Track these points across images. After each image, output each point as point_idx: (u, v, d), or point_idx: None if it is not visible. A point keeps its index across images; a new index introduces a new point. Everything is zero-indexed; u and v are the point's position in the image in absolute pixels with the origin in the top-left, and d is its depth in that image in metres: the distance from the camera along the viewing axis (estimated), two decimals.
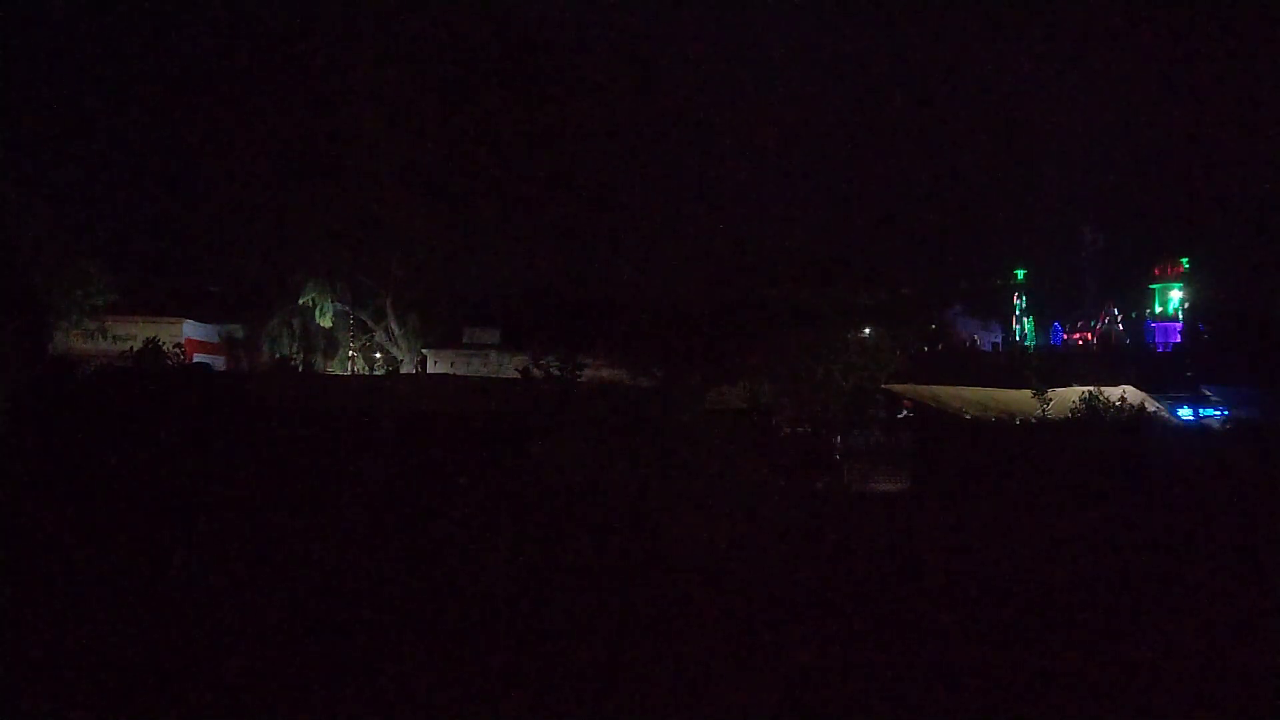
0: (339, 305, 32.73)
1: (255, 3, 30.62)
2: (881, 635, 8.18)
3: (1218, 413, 28.61)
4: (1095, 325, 64.51)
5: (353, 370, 33.85)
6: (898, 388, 25.20)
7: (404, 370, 32.38)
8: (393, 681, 6.80)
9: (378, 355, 34.61)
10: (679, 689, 6.77)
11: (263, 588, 9.27)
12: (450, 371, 31.12)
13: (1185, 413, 28.07)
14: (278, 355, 32.22)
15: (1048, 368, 25.48)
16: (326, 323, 32.84)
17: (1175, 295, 63.26)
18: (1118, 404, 21.13)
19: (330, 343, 34.16)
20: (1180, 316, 61.35)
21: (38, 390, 16.90)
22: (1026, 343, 63.95)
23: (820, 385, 23.03)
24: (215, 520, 12.16)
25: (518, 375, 19.61)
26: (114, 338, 25.39)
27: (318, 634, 7.84)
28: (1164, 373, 39.90)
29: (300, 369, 31.78)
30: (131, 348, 19.09)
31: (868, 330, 28.85)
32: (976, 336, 62.45)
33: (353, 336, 34.25)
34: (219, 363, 30.96)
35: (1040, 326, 66.42)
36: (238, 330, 33.10)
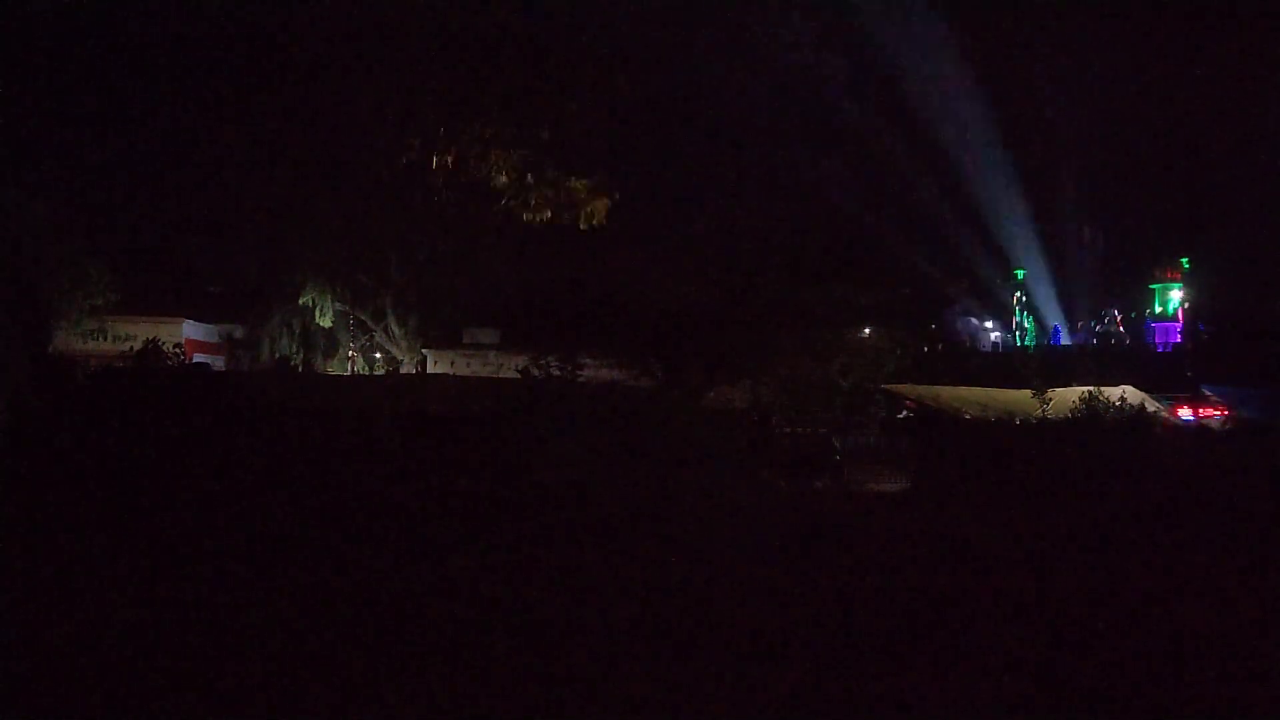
0: (339, 305, 32.71)
1: (255, 2, 30.59)
2: (882, 635, 8.18)
3: (1217, 415, 28.62)
4: (1095, 325, 64.52)
5: (353, 370, 33.85)
6: (898, 388, 25.20)
7: (404, 370, 32.38)
8: (391, 683, 6.80)
9: (378, 355, 34.60)
10: (679, 690, 6.77)
11: (262, 587, 9.27)
12: (450, 371, 31.12)
13: (1184, 413, 28.07)
14: (278, 355, 32.23)
15: (1048, 368, 25.45)
16: (326, 323, 32.82)
17: (1175, 295, 63.18)
18: (1118, 404, 21.15)
19: (330, 343, 34.14)
20: (1180, 317, 61.34)
21: (38, 390, 16.92)
22: (1026, 343, 63.80)
23: (820, 385, 23.02)
24: (215, 520, 12.17)
25: (518, 375, 19.62)
26: (114, 338, 25.45)
27: (316, 634, 7.84)
28: (1164, 373, 39.86)
29: (300, 369, 31.80)
30: (131, 348, 19.12)
31: (868, 330, 28.87)
32: (976, 336, 62.36)
33: (353, 336, 34.23)
34: (219, 363, 31.00)
35: (1040, 326, 66.40)
36: (237, 330, 33.11)
